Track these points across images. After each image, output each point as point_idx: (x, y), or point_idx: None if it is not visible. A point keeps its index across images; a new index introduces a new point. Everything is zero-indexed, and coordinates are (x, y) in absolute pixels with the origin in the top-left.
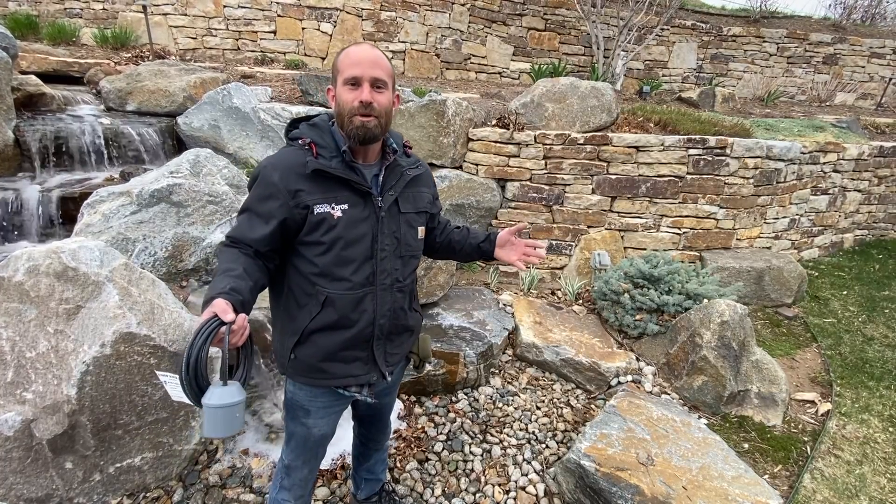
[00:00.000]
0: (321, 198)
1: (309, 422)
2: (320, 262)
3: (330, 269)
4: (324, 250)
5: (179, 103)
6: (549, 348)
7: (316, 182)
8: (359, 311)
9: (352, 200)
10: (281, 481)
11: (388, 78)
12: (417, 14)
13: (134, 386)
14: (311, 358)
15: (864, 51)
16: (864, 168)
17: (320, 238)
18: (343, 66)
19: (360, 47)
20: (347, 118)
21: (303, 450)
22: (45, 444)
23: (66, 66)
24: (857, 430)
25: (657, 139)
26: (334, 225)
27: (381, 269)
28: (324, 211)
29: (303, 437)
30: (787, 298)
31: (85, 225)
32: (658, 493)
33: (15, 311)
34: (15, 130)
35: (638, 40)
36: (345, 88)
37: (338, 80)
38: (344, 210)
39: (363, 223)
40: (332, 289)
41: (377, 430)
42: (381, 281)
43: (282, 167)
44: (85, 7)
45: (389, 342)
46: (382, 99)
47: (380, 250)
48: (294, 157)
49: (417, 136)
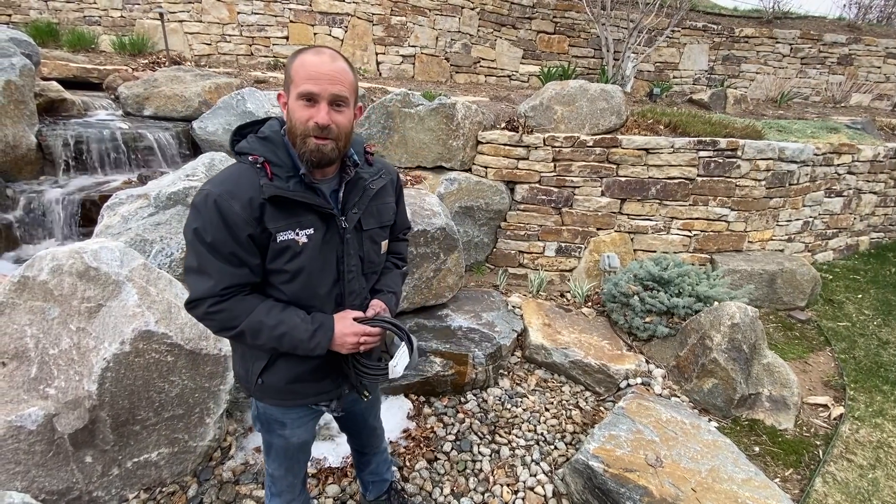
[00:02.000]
0: (284, 224)
1: (286, 433)
2: (287, 290)
3: (297, 297)
4: (289, 278)
5: (195, 108)
6: (557, 350)
7: (278, 207)
8: None
9: (315, 224)
10: (270, 488)
11: (350, 93)
12: (427, 18)
13: (151, 383)
14: (279, 382)
15: (880, 51)
16: (879, 170)
17: (284, 266)
18: (298, 77)
19: (319, 57)
20: (300, 138)
21: (284, 458)
22: (66, 438)
23: (86, 72)
24: (871, 435)
25: (667, 141)
26: (299, 252)
27: (349, 290)
28: (287, 238)
29: (282, 447)
30: (800, 301)
31: (105, 226)
32: (666, 495)
33: (39, 310)
34: (37, 135)
35: (648, 42)
36: (299, 104)
37: (291, 90)
38: (309, 235)
39: (327, 246)
40: None
41: (367, 436)
42: (349, 302)
43: (240, 193)
44: (103, 14)
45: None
46: (342, 119)
47: (346, 272)
48: (247, 181)
49: (427, 140)
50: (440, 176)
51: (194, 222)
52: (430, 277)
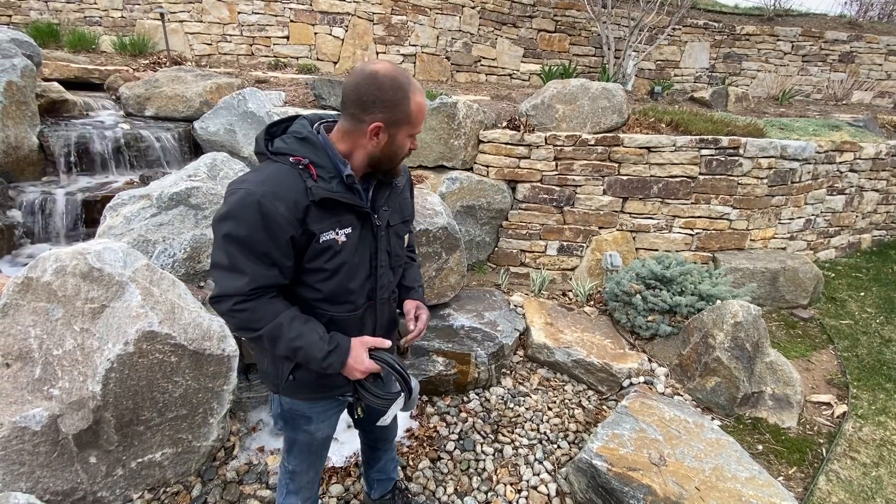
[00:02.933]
0: (327, 225)
1: (311, 427)
2: (324, 287)
3: (333, 294)
4: (327, 276)
5: (196, 108)
6: (560, 349)
7: (320, 209)
8: (360, 327)
9: (354, 224)
10: (287, 486)
11: None
12: (428, 17)
13: (155, 383)
14: (311, 376)
15: (882, 48)
16: (881, 167)
17: (323, 265)
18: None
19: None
20: (397, 162)
21: (307, 454)
22: (70, 438)
23: (87, 73)
24: (874, 433)
25: (669, 140)
26: (339, 251)
27: (381, 284)
28: (329, 238)
29: (307, 443)
30: (803, 300)
31: (108, 227)
32: (670, 494)
33: (43, 311)
34: (39, 136)
35: (649, 41)
36: (409, 139)
37: (403, 126)
38: (348, 234)
39: (363, 244)
40: (336, 311)
41: (382, 429)
42: (380, 296)
43: (285, 195)
44: (104, 15)
45: None
46: None
47: (378, 266)
48: (292, 180)
49: (428, 139)
50: (442, 175)
51: (229, 219)
52: (432, 277)
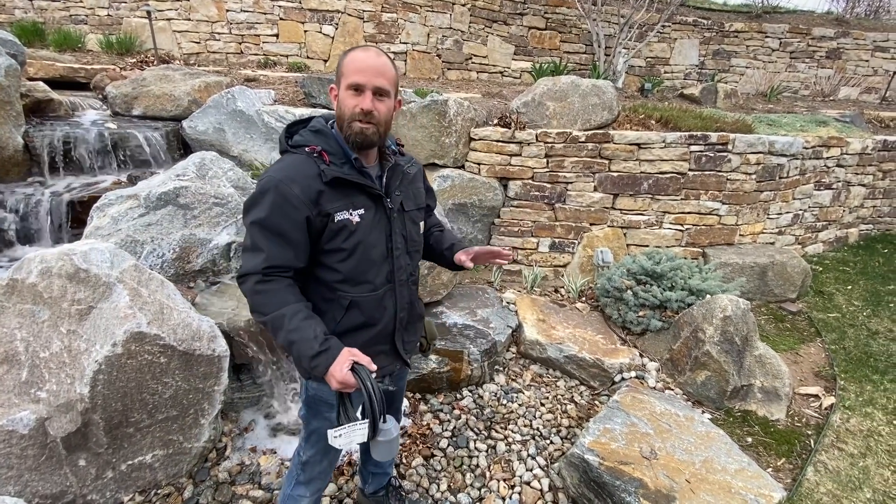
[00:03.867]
0: (341, 205)
1: (333, 415)
2: (343, 268)
3: (353, 274)
4: (345, 256)
5: (184, 107)
6: (552, 345)
7: (333, 190)
8: (381, 309)
9: (367, 205)
10: (297, 477)
11: (392, 86)
12: (418, 15)
13: (145, 384)
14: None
15: (868, 45)
16: (867, 162)
17: (341, 245)
18: (348, 71)
19: (366, 53)
20: (347, 123)
21: (325, 443)
22: (59, 441)
23: (73, 72)
24: (861, 424)
25: (659, 136)
26: (354, 230)
27: (398, 266)
28: (344, 218)
29: (325, 431)
30: (791, 293)
31: (94, 228)
32: (661, 487)
33: (29, 313)
34: (24, 136)
35: (639, 38)
36: (348, 93)
37: (341, 82)
38: (361, 215)
39: (378, 225)
40: (356, 292)
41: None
42: (398, 278)
43: (300, 179)
44: (90, 13)
45: (406, 332)
46: (383, 107)
47: (394, 249)
48: (307, 167)
49: (420, 137)
50: (433, 173)
51: (252, 205)
52: (424, 275)
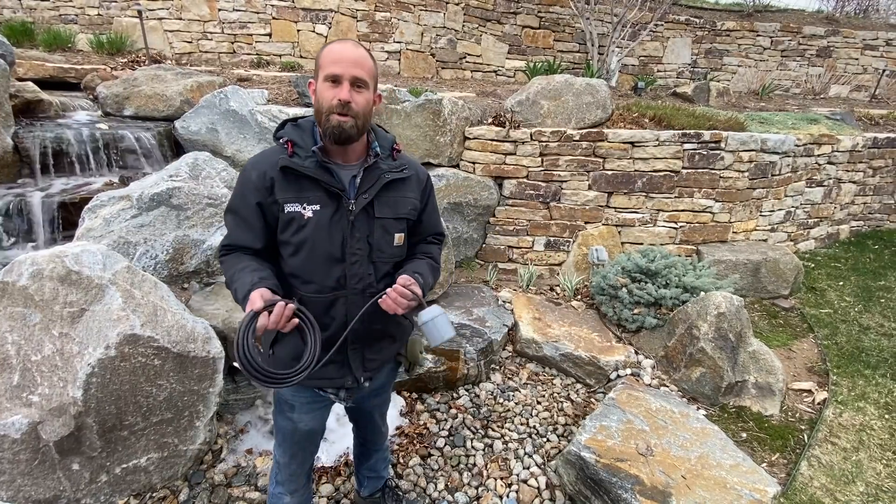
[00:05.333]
0: (293, 197)
1: (294, 416)
2: (291, 262)
3: (299, 270)
4: (293, 251)
5: (177, 107)
6: (548, 344)
7: (288, 180)
8: (329, 316)
9: (323, 201)
10: (276, 476)
11: (370, 78)
12: (412, 14)
13: (139, 387)
14: (286, 356)
15: (858, 43)
16: (858, 159)
17: (290, 238)
18: (324, 62)
19: (343, 44)
20: (325, 115)
21: (290, 444)
22: (51, 445)
23: (63, 72)
24: (854, 418)
25: (652, 134)
26: (303, 225)
27: (352, 273)
28: (294, 210)
29: (289, 431)
30: (784, 290)
31: (86, 229)
32: (657, 483)
33: (20, 316)
34: (14, 137)
35: (632, 36)
36: (325, 85)
37: (319, 75)
38: (315, 211)
39: (334, 225)
40: (304, 290)
41: (371, 432)
42: (352, 285)
43: (259, 165)
44: (80, 13)
45: (367, 347)
46: (361, 99)
47: (350, 254)
48: (272, 155)
49: (414, 136)
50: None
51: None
52: None
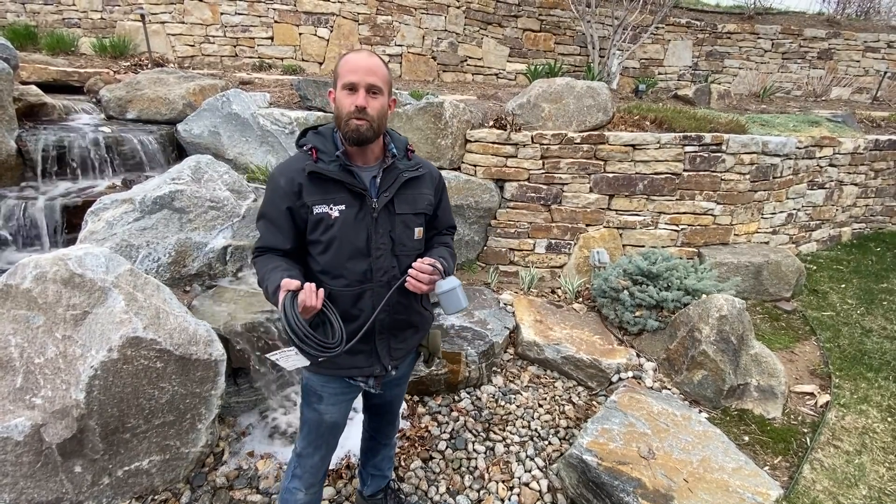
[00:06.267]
0: (320, 199)
1: (321, 407)
2: (321, 259)
3: (329, 266)
4: (323, 249)
5: (179, 111)
6: (550, 346)
7: (315, 184)
8: (358, 307)
9: (348, 201)
10: (293, 470)
11: (384, 84)
12: (413, 17)
13: (141, 390)
14: None
15: (859, 45)
16: (860, 162)
17: (319, 237)
18: (342, 72)
19: (358, 55)
20: (344, 121)
21: (315, 436)
22: (54, 448)
23: (66, 75)
24: (856, 421)
25: (653, 137)
26: (331, 224)
27: (377, 266)
28: (322, 211)
29: (315, 422)
30: (786, 292)
31: (89, 232)
32: (659, 486)
33: (23, 318)
34: (17, 140)
35: (633, 39)
36: (343, 93)
37: (337, 84)
38: (341, 210)
39: (359, 223)
40: (333, 285)
41: (386, 423)
42: (377, 278)
43: (286, 172)
44: (83, 17)
45: (393, 337)
46: (376, 104)
47: (375, 248)
48: (297, 162)
49: (415, 139)
50: None
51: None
52: None
